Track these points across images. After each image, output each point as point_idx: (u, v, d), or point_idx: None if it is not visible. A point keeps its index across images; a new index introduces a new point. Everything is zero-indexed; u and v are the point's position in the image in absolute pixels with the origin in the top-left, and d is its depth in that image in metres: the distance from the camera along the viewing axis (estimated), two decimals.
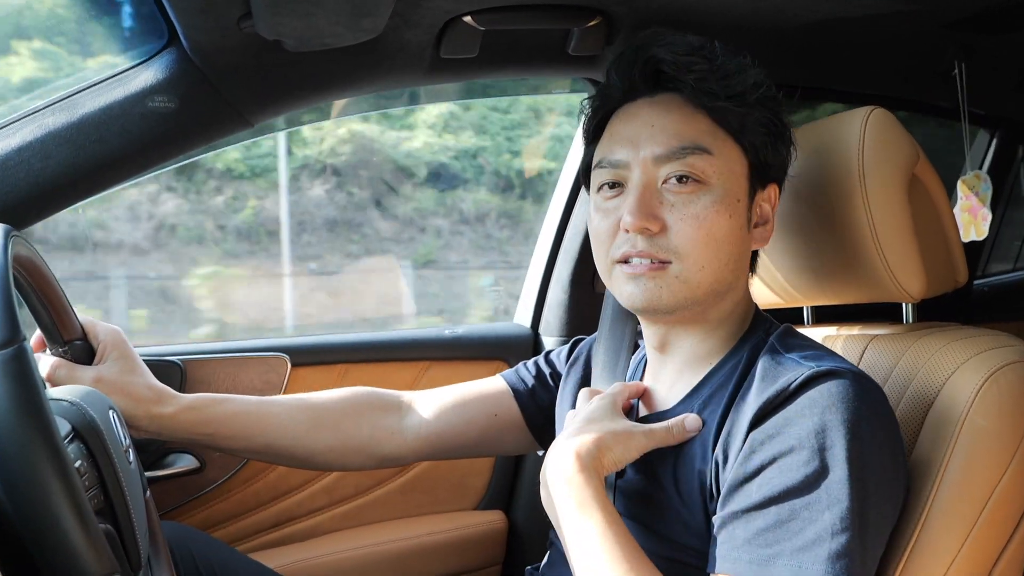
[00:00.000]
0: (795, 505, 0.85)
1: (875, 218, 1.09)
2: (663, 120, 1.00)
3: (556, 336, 1.92)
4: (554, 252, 1.94)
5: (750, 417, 0.91)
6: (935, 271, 1.16)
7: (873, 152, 1.09)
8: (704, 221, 0.97)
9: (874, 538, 0.88)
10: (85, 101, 1.27)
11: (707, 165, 0.98)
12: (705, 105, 0.99)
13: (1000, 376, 0.98)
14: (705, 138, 0.99)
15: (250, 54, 1.29)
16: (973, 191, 1.78)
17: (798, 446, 0.87)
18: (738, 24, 1.42)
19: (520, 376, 1.32)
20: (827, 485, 0.84)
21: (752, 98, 1.00)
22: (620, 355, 1.19)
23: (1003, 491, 0.96)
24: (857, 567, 0.83)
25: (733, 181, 0.99)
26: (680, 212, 0.97)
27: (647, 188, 0.99)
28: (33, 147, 1.24)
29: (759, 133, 1.01)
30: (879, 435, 0.88)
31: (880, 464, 0.88)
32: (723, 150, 0.99)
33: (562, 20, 1.38)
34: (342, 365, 1.73)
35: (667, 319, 1.04)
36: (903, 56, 1.70)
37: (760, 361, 0.98)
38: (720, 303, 1.03)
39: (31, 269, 1.01)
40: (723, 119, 1.00)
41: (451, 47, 1.39)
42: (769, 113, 1.02)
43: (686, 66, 0.99)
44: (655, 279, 0.98)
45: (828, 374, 0.90)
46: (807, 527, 0.84)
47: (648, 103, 1.03)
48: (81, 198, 1.34)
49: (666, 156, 0.98)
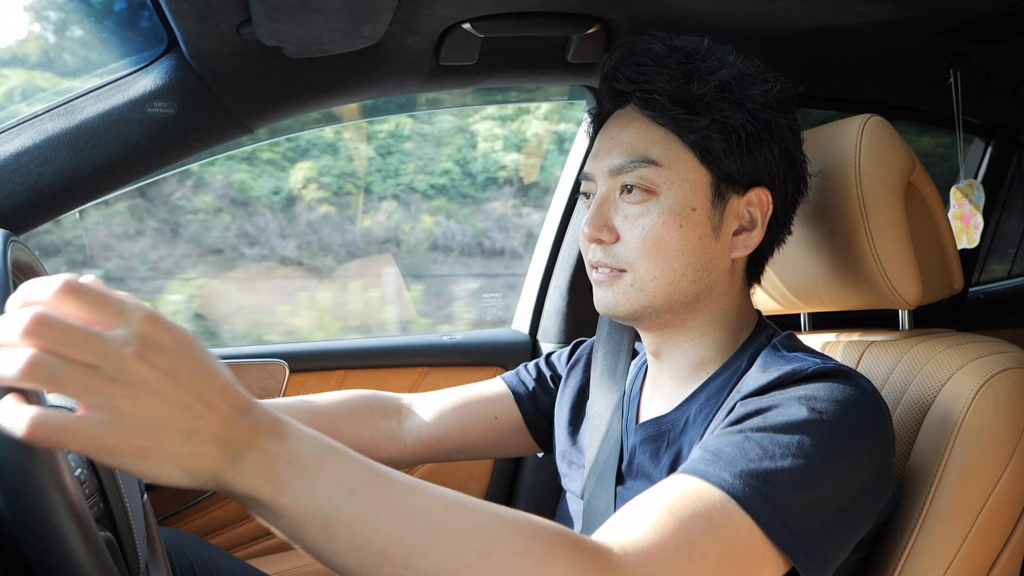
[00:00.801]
0: (763, 438, 0.84)
1: (872, 225, 1.09)
2: (622, 134, 1.02)
3: (554, 343, 1.92)
4: (552, 259, 1.94)
5: (743, 395, 0.91)
6: (931, 278, 1.17)
7: (870, 160, 1.09)
8: (650, 231, 0.98)
9: (839, 526, 0.85)
10: (84, 107, 1.28)
11: (656, 176, 0.98)
12: (652, 116, 1.01)
13: (996, 382, 0.99)
14: (654, 150, 0.99)
15: (249, 60, 1.29)
16: (967, 199, 1.79)
17: (784, 406, 0.87)
18: (734, 31, 1.43)
19: (520, 379, 1.32)
20: (803, 441, 0.83)
21: (719, 102, 0.98)
22: (619, 361, 1.20)
23: (999, 495, 0.97)
24: (797, 523, 0.80)
25: (687, 190, 0.99)
26: (632, 223, 0.99)
27: (604, 200, 1.02)
28: (32, 152, 1.24)
29: (715, 140, 0.98)
30: (874, 436, 0.88)
31: (863, 463, 0.86)
32: (675, 160, 0.99)
33: (561, 27, 1.39)
34: (341, 371, 1.73)
35: (647, 326, 1.05)
36: (899, 64, 1.71)
37: (759, 358, 0.98)
38: (695, 312, 1.03)
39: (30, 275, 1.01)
40: (676, 128, 1.00)
41: (450, 54, 1.39)
42: (741, 116, 0.99)
43: (635, 79, 1.01)
44: (612, 287, 1.02)
45: (834, 373, 0.90)
46: (768, 459, 0.82)
47: (616, 116, 1.06)
48: (80, 203, 1.34)
49: (619, 168, 1.00)
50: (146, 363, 0.59)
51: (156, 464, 0.59)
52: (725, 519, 0.78)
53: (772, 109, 1.00)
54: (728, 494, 0.79)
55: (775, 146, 1.01)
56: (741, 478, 0.80)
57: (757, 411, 0.88)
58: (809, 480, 0.82)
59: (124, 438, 0.58)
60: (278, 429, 0.64)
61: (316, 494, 0.63)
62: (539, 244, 2.00)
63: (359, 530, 0.64)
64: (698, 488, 0.80)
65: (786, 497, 0.80)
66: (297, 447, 0.64)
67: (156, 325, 0.61)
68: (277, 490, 0.63)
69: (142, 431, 0.58)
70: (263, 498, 0.63)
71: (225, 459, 0.62)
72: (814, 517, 0.82)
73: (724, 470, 0.81)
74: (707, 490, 0.80)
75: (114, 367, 0.58)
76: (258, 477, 0.62)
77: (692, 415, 1.00)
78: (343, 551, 0.64)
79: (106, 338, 0.58)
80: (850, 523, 0.86)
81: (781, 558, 0.80)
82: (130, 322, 0.60)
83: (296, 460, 0.64)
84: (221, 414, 0.62)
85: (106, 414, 0.57)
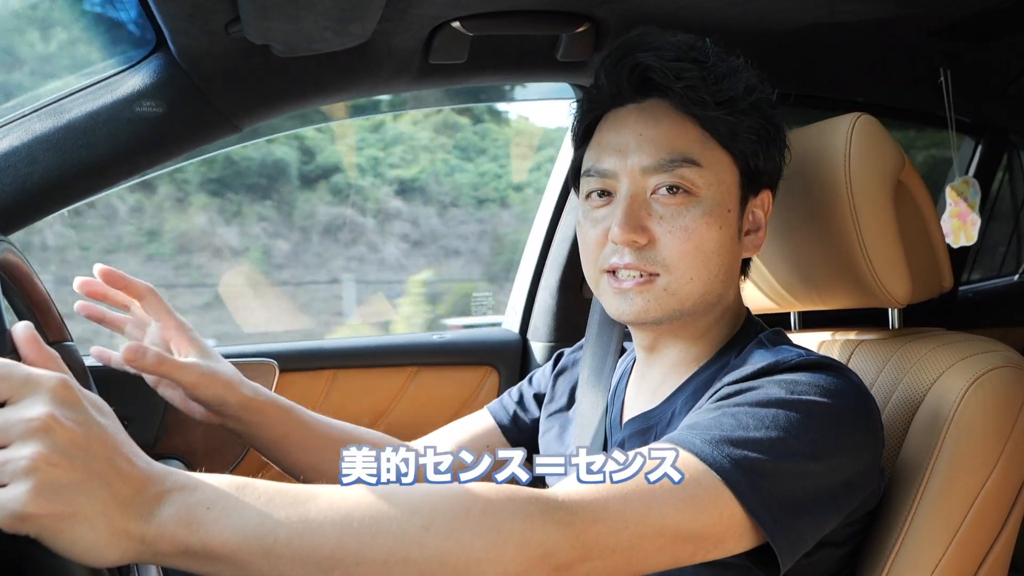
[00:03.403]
0: (739, 411, 0.84)
1: (861, 224, 1.09)
2: (652, 130, 0.98)
3: (544, 342, 1.92)
4: (542, 258, 1.94)
5: (724, 382, 0.91)
6: (921, 276, 1.17)
7: (859, 158, 1.09)
8: (693, 233, 0.96)
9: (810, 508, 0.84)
10: (72, 106, 1.27)
11: (697, 176, 0.96)
12: (695, 114, 0.97)
13: (985, 380, 0.99)
14: (694, 148, 0.97)
15: (238, 59, 1.29)
16: (962, 197, 1.79)
17: (765, 387, 0.86)
18: (725, 30, 1.42)
19: (503, 404, 1.31)
20: (778, 415, 0.83)
21: (744, 104, 0.98)
22: (607, 360, 1.19)
23: (988, 494, 0.97)
24: (767, 493, 0.80)
25: (723, 191, 0.98)
26: (669, 224, 0.96)
27: (635, 199, 0.97)
28: (20, 152, 1.24)
29: (750, 141, 0.99)
30: (854, 422, 0.88)
31: (842, 445, 0.86)
32: (713, 160, 0.98)
33: (550, 26, 1.39)
34: (330, 371, 1.73)
35: (655, 329, 1.04)
36: (889, 63, 1.72)
37: (745, 352, 0.98)
38: (710, 312, 1.03)
39: (18, 274, 1.01)
40: (713, 128, 0.98)
41: (440, 53, 1.39)
42: (761, 118, 0.99)
43: (675, 72, 0.97)
44: (642, 293, 0.98)
45: (818, 364, 0.90)
46: (741, 429, 0.82)
47: (636, 110, 1.01)
48: (69, 203, 1.34)
49: (655, 167, 0.96)
50: (60, 427, 0.59)
51: (75, 531, 0.59)
52: (691, 476, 0.77)
53: (775, 111, 1.02)
54: (696, 456, 0.79)
55: (782, 148, 1.04)
56: (712, 443, 0.80)
57: (737, 392, 0.88)
58: (782, 452, 0.81)
59: (41, 506, 0.58)
60: (188, 482, 0.65)
61: (245, 525, 0.64)
62: (529, 243, 2.00)
63: (300, 545, 0.65)
64: (665, 451, 0.79)
65: (757, 463, 0.80)
66: (212, 492, 0.65)
67: (67, 389, 0.61)
68: (204, 535, 0.63)
69: (60, 498, 0.59)
70: (193, 546, 0.63)
71: (144, 519, 0.62)
72: (786, 488, 0.81)
73: (696, 437, 0.81)
74: (675, 452, 0.79)
75: (25, 435, 0.58)
76: (181, 528, 0.63)
77: (678, 408, 1.01)
78: (290, 570, 0.65)
79: (9, 415, 0.59)
80: (825, 504, 0.85)
81: (750, 524, 0.79)
82: (40, 389, 0.60)
83: (215, 504, 0.64)
84: (133, 477, 0.62)
85: (20, 482, 0.58)
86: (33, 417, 0.59)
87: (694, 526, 0.77)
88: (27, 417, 0.59)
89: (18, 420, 0.58)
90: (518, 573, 0.69)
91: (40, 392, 0.60)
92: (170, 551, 0.63)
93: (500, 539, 0.69)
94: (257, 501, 0.65)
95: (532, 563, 0.69)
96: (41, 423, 0.59)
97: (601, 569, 0.73)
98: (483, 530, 0.68)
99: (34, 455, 0.58)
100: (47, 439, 0.59)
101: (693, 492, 0.77)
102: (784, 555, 0.81)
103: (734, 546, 0.80)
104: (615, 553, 0.73)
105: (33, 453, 0.58)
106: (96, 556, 0.60)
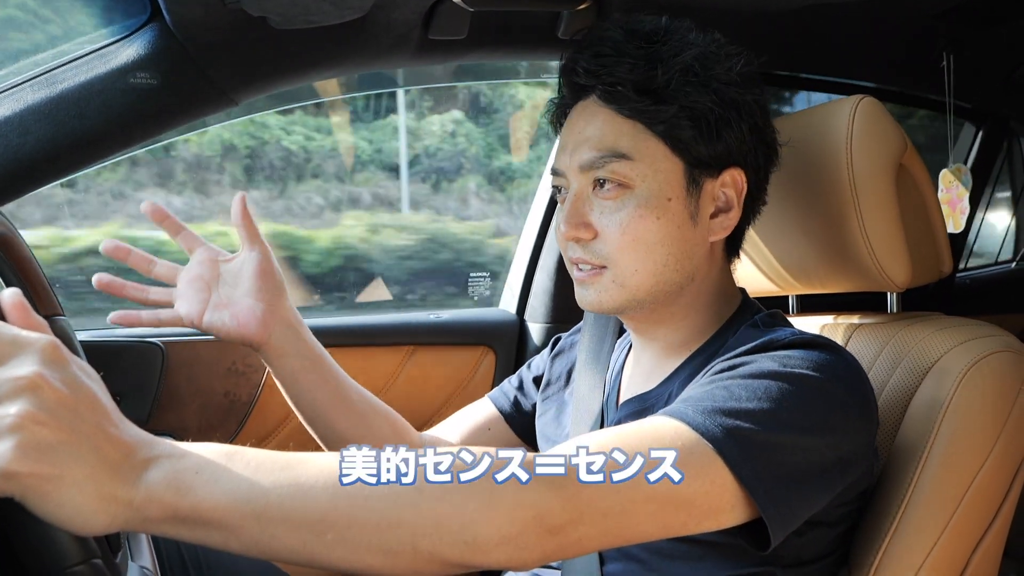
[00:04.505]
0: (731, 383, 0.84)
1: (862, 207, 1.09)
2: (588, 128, 0.99)
3: (541, 323, 1.91)
4: (540, 239, 1.94)
5: (719, 359, 0.92)
6: (920, 261, 1.16)
7: (861, 141, 1.09)
8: (629, 227, 0.96)
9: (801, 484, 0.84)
10: (65, 76, 1.25)
11: (628, 169, 0.96)
12: (615, 109, 0.98)
13: (983, 364, 0.99)
14: (624, 142, 0.97)
15: (234, 31, 1.27)
16: (954, 183, 1.79)
17: (758, 362, 0.87)
18: (725, 10, 1.41)
19: (503, 392, 1.31)
20: (771, 387, 0.83)
21: (681, 86, 0.95)
22: (605, 341, 1.19)
23: (984, 478, 0.97)
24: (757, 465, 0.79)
25: (661, 181, 0.97)
26: (608, 219, 0.97)
27: (579, 196, 0.99)
28: (12, 122, 1.22)
29: (684, 127, 0.96)
30: (847, 399, 0.88)
31: (834, 421, 0.86)
32: (646, 151, 0.97)
33: (552, 2, 1.37)
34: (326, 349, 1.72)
35: (632, 317, 1.04)
36: (892, 45, 1.71)
37: (739, 332, 0.99)
38: (679, 297, 1.02)
39: (9, 246, 1.00)
40: (642, 119, 0.97)
41: (439, 28, 1.37)
42: (708, 99, 0.96)
43: (595, 71, 0.98)
44: (594, 284, 1.00)
45: (812, 343, 0.90)
46: (733, 400, 0.82)
47: (579, 108, 1.02)
48: (61, 175, 1.32)
49: (589, 164, 0.98)
50: (48, 386, 0.59)
51: (61, 494, 0.59)
52: (683, 445, 0.77)
53: (738, 87, 0.98)
54: (688, 425, 0.79)
55: (744, 125, 0.99)
56: (704, 413, 0.80)
57: (730, 367, 0.88)
58: (774, 424, 0.81)
59: (26, 465, 0.57)
60: (176, 449, 0.65)
61: (236, 488, 0.63)
62: (527, 224, 1.99)
63: (291, 508, 0.64)
64: (656, 420, 0.79)
65: (749, 433, 0.80)
66: (200, 458, 0.64)
67: (56, 350, 0.61)
68: (194, 499, 0.62)
69: (46, 458, 0.58)
70: (182, 511, 0.62)
71: (132, 483, 0.61)
72: (777, 460, 0.81)
73: (688, 408, 0.81)
74: (665, 421, 0.80)
75: (12, 393, 0.57)
76: (170, 492, 0.62)
77: (675, 389, 1.00)
78: (282, 533, 0.64)
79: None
80: (817, 479, 0.85)
81: (742, 495, 0.79)
82: (29, 349, 0.60)
83: (204, 468, 0.64)
84: (121, 441, 0.62)
85: (5, 439, 0.57)
86: (21, 376, 0.58)
87: (686, 492, 0.77)
88: (15, 376, 0.58)
89: (5, 379, 0.58)
90: (511, 535, 0.69)
91: (29, 352, 0.60)
92: (159, 516, 0.62)
93: (493, 501, 0.69)
94: (247, 467, 0.65)
95: (525, 524, 0.69)
96: (29, 381, 0.58)
97: (593, 535, 0.74)
98: (476, 492, 0.69)
99: (21, 412, 0.57)
100: (34, 397, 0.58)
101: (685, 460, 0.76)
102: (775, 527, 0.81)
103: (725, 518, 0.80)
104: (607, 517, 0.73)
105: (20, 411, 0.57)
106: (84, 522, 0.60)
